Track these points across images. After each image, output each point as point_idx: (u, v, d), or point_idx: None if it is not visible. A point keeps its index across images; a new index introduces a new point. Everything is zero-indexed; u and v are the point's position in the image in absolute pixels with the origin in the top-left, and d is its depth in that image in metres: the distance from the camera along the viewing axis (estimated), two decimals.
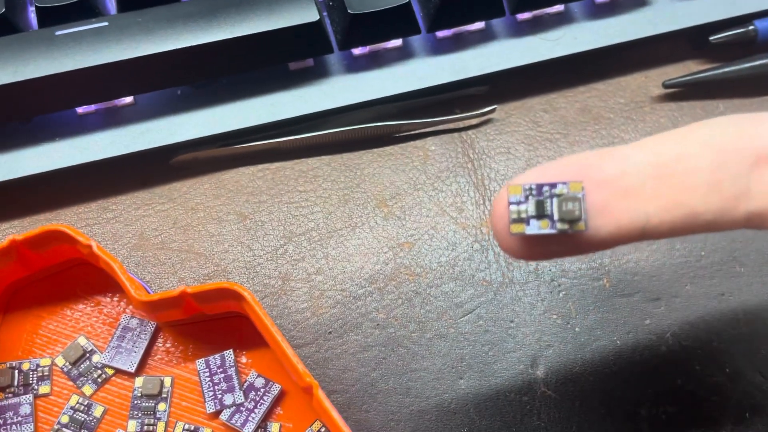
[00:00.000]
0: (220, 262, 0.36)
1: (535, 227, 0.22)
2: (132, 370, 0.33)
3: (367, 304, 0.35)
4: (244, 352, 0.34)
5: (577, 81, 0.40)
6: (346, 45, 0.37)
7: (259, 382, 0.33)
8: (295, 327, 0.35)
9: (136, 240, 0.36)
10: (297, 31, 0.35)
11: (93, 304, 0.34)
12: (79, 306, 0.34)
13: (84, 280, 0.35)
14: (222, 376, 0.33)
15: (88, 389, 0.33)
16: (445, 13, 0.37)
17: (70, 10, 0.35)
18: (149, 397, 0.33)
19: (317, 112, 0.37)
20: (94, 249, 0.30)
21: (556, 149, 0.39)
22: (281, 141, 0.37)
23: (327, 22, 0.37)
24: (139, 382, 0.33)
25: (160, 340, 0.34)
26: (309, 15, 0.35)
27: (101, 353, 0.34)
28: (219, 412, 0.33)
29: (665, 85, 0.39)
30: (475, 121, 0.39)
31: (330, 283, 0.36)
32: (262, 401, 0.33)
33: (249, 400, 0.33)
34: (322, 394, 0.29)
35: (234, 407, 0.33)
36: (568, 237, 0.22)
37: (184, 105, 0.36)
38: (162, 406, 0.33)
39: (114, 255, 0.33)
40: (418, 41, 0.38)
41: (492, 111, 0.39)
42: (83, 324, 0.34)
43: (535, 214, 0.22)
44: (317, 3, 0.35)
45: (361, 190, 0.37)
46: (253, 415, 0.32)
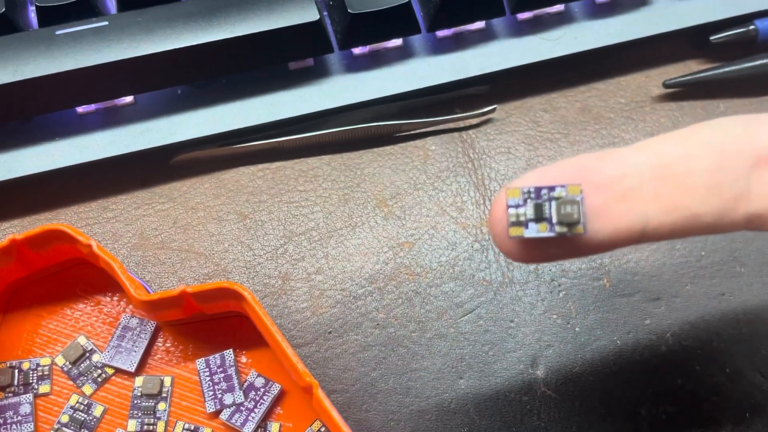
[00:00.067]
0: (220, 262, 0.36)
1: (534, 230, 0.22)
2: (132, 369, 0.33)
3: (367, 304, 0.35)
4: (244, 352, 0.34)
5: (577, 81, 0.40)
6: (346, 44, 0.37)
7: (259, 382, 0.33)
8: (295, 326, 0.35)
9: (136, 239, 0.36)
10: (297, 31, 0.35)
11: (93, 304, 0.35)
12: (79, 305, 0.34)
13: (84, 279, 0.35)
14: (222, 375, 0.33)
15: (88, 389, 0.33)
16: (445, 13, 0.36)
17: (71, 9, 0.35)
18: (149, 396, 0.33)
19: (317, 112, 0.37)
20: (94, 248, 0.30)
21: (556, 149, 0.39)
22: (281, 141, 0.37)
23: (327, 21, 0.37)
24: (139, 381, 0.33)
25: (160, 339, 0.34)
26: (309, 14, 0.35)
27: (101, 353, 0.34)
28: (219, 412, 0.33)
29: (666, 85, 0.39)
30: (475, 120, 0.39)
31: (330, 282, 0.36)
32: (262, 401, 0.33)
33: (249, 400, 0.33)
34: (322, 393, 0.29)
35: (234, 407, 0.33)
36: (567, 240, 0.22)
37: (184, 104, 0.36)
38: (162, 406, 0.33)
39: (114, 254, 0.33)
40: (418, 41, 0.38)
41: (492, 111, 0.39)
42: (83, 323, 0.34)
43: (533, 217, 0.22)
44: (317, 2, 0.35)
45: (361, 190, 0.37)
46: (253, 414, 0.32)
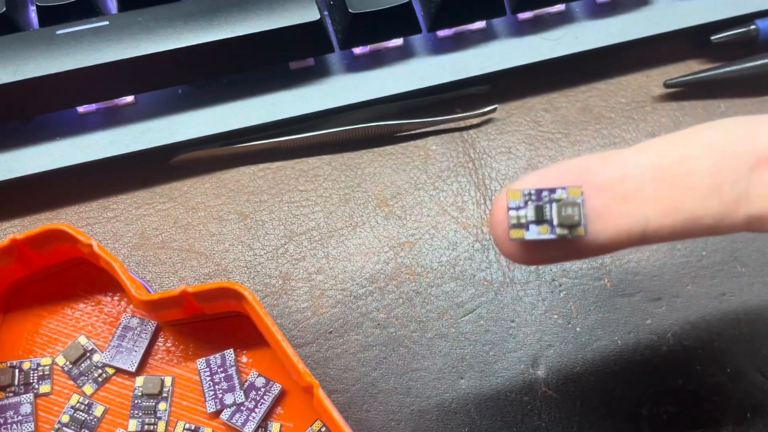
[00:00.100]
0: (221, 262, 0.36)
1: (535, 232, 0.22)
2: (132, 369, 0.33)
3: (367, 304, 0.35)
4: (245, 352, 0.34)
5: (578, 80, 0.40)
6: (346, 44, 0.37)
7: (260, 382, 0.33)
8: (296, 326, 0.35)
9: (136, 239, 0.36)
10: (298, 31, 0.35)
11: (93, 304, 0.35)
12: (80, 305, 0.34)
13: (84, 279, 0.35)
14: (222, 375, 0.33)
15: (89, 388, 0.33)
16: (445, 13, 0.36)
17: (71, 9, 0.35)
18: (150, 396, 0.33)
19: (318, 112, 0.37)
20: (95, 248, 0.30)
21: (557, 149, 0.39)
22: (282, 140, 0.37)
23: (328, 21, 0.37)
24: (139, 381, 0.33)
25: (160, 339, 0.34)
26: (310, 14, 0.35)
27: (102, 352, 0.34)
28: (219, 412, 0.33)
29: (666, 85, 0.39)
30: (476, 120, 0.39)
31: (331, 282, 0.36)
32: (262, 401, 0.33)
33: (249, 400, 0.33)
34: (322, 393, 0.29)
35: (234, 407, 0.33)
36: (568, 242, 0.22)
37: (184, 104, 0.36)
38: (162, 406, 0.33)
39: (115, 254, 0.33)
40: (418, 41, 0.38)
41: (493, 110, 0.39)
42: (84, 323, 0.34)
43: (534, 219, 0.22)
44: (318, 2, 0.35)
45: (361, 190, 0.37)
46: (253, 414, 0.32)
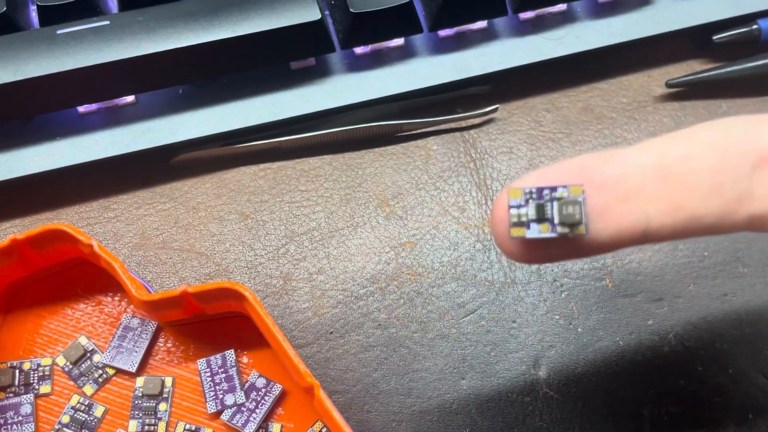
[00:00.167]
0: (222, 262, 0.36)
1: (536, 231, 0.22)
2: (133, 369, 0.33)
3: (368, 304, 0.35)
4: (246, 352, 0.34)
5: (579, 80, 0.40)
6: (347, 44, 0.37)
7: (261, 382, 0.33)
8: (297, 327, 0.35)
9: (137, 239, 0.36)
10: (299, 30, 0.35)
11: (94, 304, 0.34)
12: (80, 305, 0.34)
13: (85, 279, 0.35)
14: (223, 376, 0.33)
15: (89, 389, 0.33)
16: (447, 12, 0.36)
17: (71, 8, 0.35)
18: (150, 397, 0.33)
19: (319, 112, 0.37)
20: (95, 248, 0.30)
21: (558, 149, 0.39)
22: (283, 140, 0.37)
23: (329, 21, 0.37)
24: (140, 381, 0.33)
25: (161, 339, 0.34)
26: (311, 14, 0.35)
27: (102, 353, 0.34)
28: (220, 412, 0.33)
29: (668, 85, 0.39)
30: (477, 120, 0.39)
31: (331, 282, 0.36)
32: (263, 401, 0.33)
33: (250, 401, 0.33)
34: (323, 394, 0.29)
35: (235, 407, 0.32)
36: (569, 241, 0.22)
37: (185, 104, 0.36)
38: (163, 406, 0.33)
39: (115, 254, 0.33)
40: (420, 40, 0.38)
41: (494, 110, 0.38)
42: (84, 323, 0.34)
43: (535, 217, 0.22)
44: (319, 2, 0.35)
45: (362, 190, 0.37)
46: (254, 415, 0.32)
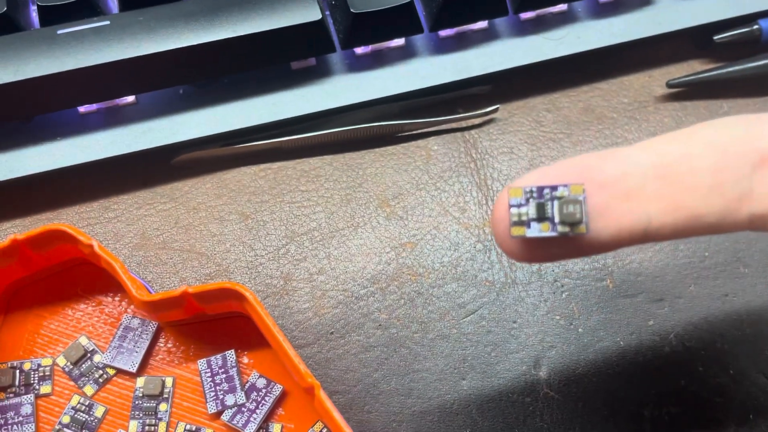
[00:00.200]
0: (222, 262, 0.36)
1: (536, 230, 0.22)
2: (133, 370, 0.33)
3: (369, 305, 0.35)
4: (246, 353, 0.34)
5: (580, 80, 0.40)
6: (348, 44, 0.37)
7: (261, 383, 0.33)
8: (297, 327, 0.35)
9: (137, 239, 0.36)
10: (299, 30, 0.35)
11: (94, 304, 0.34)
12: (81, 306, 0.34)
13: (85, 279, 0.35)
14: (224, 376, 0.33)
15: (90, 389, 0.33)
16: (447, 13, 0.36)
17: (72, 8, 0.35)
18: (150, 397, 0.33)
19: (319, 112, 0.37)
20: (96, 248, 0.30)
21: (559, 149, 0.38)
22: (283, 140, 0.37)
23: (329, 21, 0.37)
24: (140, 382, 0.33)
25: (161, 340, 0.34)
26: (311, 14, 0.35)
27: (102, 353, 0.34)
28: (220, 413, 0.33)
29: (669, 85, 0.39)
30: (477, 120, 0.39)
31: (332, 283, 0.35)
32: (263, 402, 0.33)
33: (250, 401, 0.33)
34: (323, 394, 0.29)
35: (235, 408, 0.32)
36: (569, 240, 0.22)
37: (185, 104, 0.36)
38: (163, 407, 0.33)
39: (115, 254, 0.33)
40: (420, 40, 0.38)
41: (495, 111, 0.38)
42: (84, 324, 0.34)
43: (535, 216, 0.22)
44: (320, 2, 0.35)
45: (363, 190, 0.37)
46: (254, 415, 0.32)
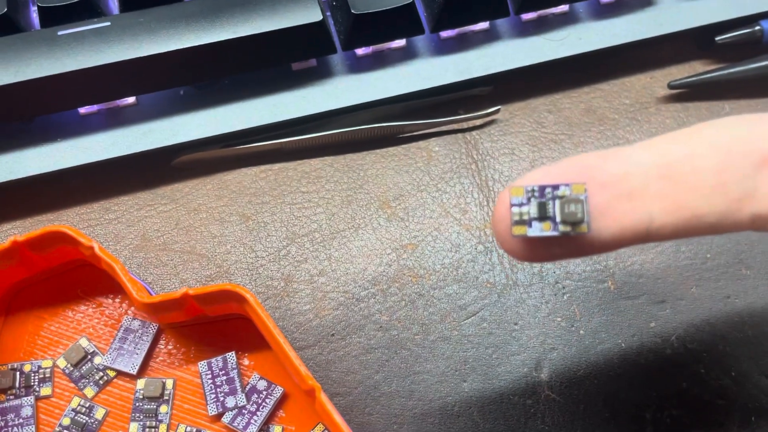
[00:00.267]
0: (223, 264, 0.36)
1: (537, 229, 0.21)
2: (134, 372, 0.33)
3: (370, 306, 0.35)
4: (247, 355, 0.34)
5: (581, 81, 0.40)
6: (349, 45, 0.36)
7: (262, 385, 0.33)
8: (298, 329, 0.35)
9: (138, 241, 0.36)
10: (300, 32, 0.35)
11: (95, 306, 0.34)
12: (81, 307, 0.34)
13: (86, 281, 0.35)
14: (224, 378, 0.33)
15: (90, 391, 0.33)
16: (449, 13, 0.36)
17: (73, 9, 0.35)
18: (151, 399, 0.33)
19: (320, 113, 0.37)
20: (96, 250, 0.30)
21: (560, 150, 0.38)
22: (284, 142, 0.37)
23: (330, 22, 0.37)
24: (140, 384, 0.33)
25: (162, 341, 0.34)
26: (312, 15, 0.35)
27: (103, 355, 0.33)
28: (221, 415, 0.32)
29: (671, 86, 0.39)
30: (479, 121, 0.39)
31: (333, 284, 0.35)
32: (264, 404, 0.32)
33: (251, 403, 0.32)
34: (324, 396, 0.29)
35: (236, 410, 0.32)
36: (571, 239, 0.22)
37: (186, 105, 0.36)
38: (164, 409, 0.33)
39: (116, 256, 0.33)
40: (421, 41, 0.38)
41: (496, 112, 0.38)
42: (85, 325, 0.34)
43: (537, 216, 0.21)
44: (320, 3, 0.35)
45: (364, 191, 0.37)
46: (255, 417, 0.32)
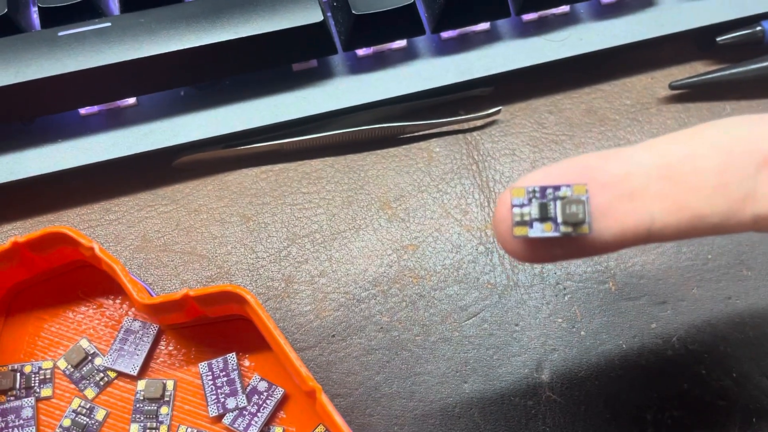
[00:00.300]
0: (223, 265, 0.36)
1: (539, 230, 0.21)
2: (134, 373, 0.33)
3: (370, 307, 0.35)
4: (247, 356, 0.34)
5: (582, 82, 0.40)
6: (350, 46, 0.36)
7: (262, 386, 0.33)
8: (299, 330, 0.35)
9: (138, 242, 0.36)
10: (301, 32, 0.35)
11: (95, 307, 0.34)
12: (82, 308, 0.34)
13: (86, 282, 0.35)
14: (225, 379, 0.33)
15: (90, 392, 0.33)
16: (450, 14, 0.36)
17: (73, 10, 0.35)
18: (151, 400, 0.33)
19: (321, 114, 0.37)
20: (97, 251, 0.30)
21: (561, 151, 0.38)
22: (285, 142, 0.37)
23: (331, 22, 0.37)
24: (141, 385, 0.33)
25: (162, 343, 0.34)
26: (313, 16, 0.35)
27: (103, 356, 0.33)
28: (222, 416, 0.32)
29: (672, 87, 0.39)
30: (479, 122, 0.39)
31: (333, 285, 0.35)
32: (264, 405, 0.32)
33: (252, 404, 0.32)
34: (325, 397, 0.29)
35: (237, 411, 0.32)
36: (572, 240, 0.22)
37: (187, 106, 0.36)
38: (164, 410, 0.33)
39: (116, 257, 0.33)
40: (422, 42, 0.38)
41: (497, 112, 0.38)
42: (85, 326, 0.34)
43: (538, 216, 0.21)
44: (321, 3, 0.35)
45: (364, 192, 0.37)
46: (255, 419, 0.32)
